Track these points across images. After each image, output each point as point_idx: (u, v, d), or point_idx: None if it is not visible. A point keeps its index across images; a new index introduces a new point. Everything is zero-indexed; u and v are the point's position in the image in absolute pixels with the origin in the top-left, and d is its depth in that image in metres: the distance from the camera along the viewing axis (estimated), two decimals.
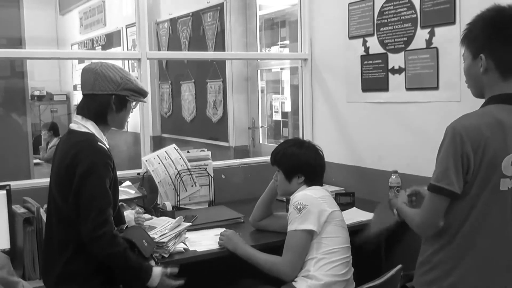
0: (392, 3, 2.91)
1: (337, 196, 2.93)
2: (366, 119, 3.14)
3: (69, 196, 1.89)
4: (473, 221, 1.64)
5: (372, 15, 3.03)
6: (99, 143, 1.94)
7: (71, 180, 1.88)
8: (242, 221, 2.66)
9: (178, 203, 2.91)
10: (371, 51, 3.06)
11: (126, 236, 1.98)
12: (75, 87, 7.94)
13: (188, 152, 3.07)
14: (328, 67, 3.42)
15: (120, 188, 2.16)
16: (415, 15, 2.78)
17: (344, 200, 2.96)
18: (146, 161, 2.93)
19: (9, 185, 2.24)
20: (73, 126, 2.01)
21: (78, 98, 2.97)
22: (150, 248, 2.04)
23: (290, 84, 4.70)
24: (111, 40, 6.76)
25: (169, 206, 2.81)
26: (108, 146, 1.99)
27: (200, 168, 3.02)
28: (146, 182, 2.93)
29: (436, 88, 2.70)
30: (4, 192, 2.21)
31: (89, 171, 1.86)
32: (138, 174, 2.97)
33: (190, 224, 2.41)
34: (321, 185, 2.33)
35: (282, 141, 3.90)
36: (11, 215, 2.22)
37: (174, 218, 2.36)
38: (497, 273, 1.67)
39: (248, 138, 5.02)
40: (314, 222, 2.12)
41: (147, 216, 2.51)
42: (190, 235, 2.36)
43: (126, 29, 6.27)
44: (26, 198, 2.31)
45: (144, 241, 2.02)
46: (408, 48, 2.83)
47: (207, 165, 3.06)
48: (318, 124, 3.53)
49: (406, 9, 2.82)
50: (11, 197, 2.23)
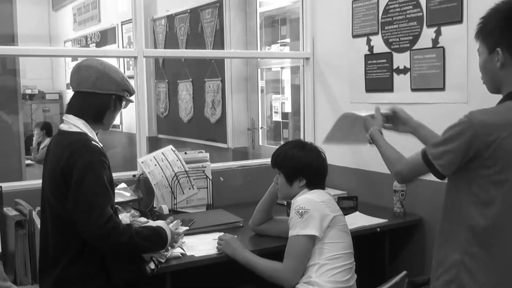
0: (397, 1, 2.91)
1: (339, 200, 2.93)
2: None
3: (66, 199, 1.89)
4: (495, 220, 1.63)
5: (376, 13, 3.04)
6: (93, 142, 1.96)
7: (68, 182, 1.89)
8: (241, 225, 2.66)
9: (175, 206, 2.91)
10: (375, 50, 3.07)
11: None
12: (68, 86, 7.92)
13: (185, 153, 3.07)
14: (330, 67, 3.43)
15: (115, 190, 2.16)
16: (421, 14, 2.78)
17: (346, 204, 2.96)
18: (142, 162, 2.94)
19: (0, 186, 2.24)
20: (63, 127, 2.01)
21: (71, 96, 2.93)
22: None
23: (291, 83, 4.71)
24: (106, 37, 6.76)
25: (165, 209, 2.82)
26: (101, 145, 2.00)
27: (198, 170, 3.02)
28: (142, 185, 2.93)
29: (442, 89, 2.70)
30: None
31: (86, 170, 1.88)
32: (134, 176, 2.97)
33: (188, 228, 2.42)
34: (323, 188, 2.33)
35: (282, 142, 3.92)
36: (2, 218, 2.22)
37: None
38: None
39: (247, 139, 5.03)
40: (316, 227, 2.13)
41: (143, 219, 2.51)
42: (187, 240, 2.35)
43: (122, 25, 6.27)
44: (18, 200, 2.32)
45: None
46: (413, 47, 2.84)
47: (205, 167, 3.06)
48: (320, 125, 3.53)
49: (412, 7, 2.83)
50: (3, 199, 2.24)
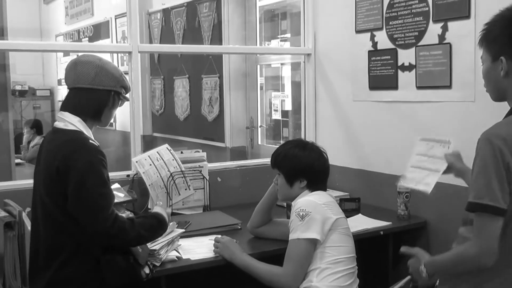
0: None
1: (341, 201, 2.94)
2: (373, 120, 3.15)
3: (63, 199, 1.89)
4: (510, 238, 1.60)
5: (381, 8, 3.04)
6: (91, 141, 1.96)
7: (64, 183, 1.88)
8: (240, 227, 2.66)
9: (171, 208, 2.91)
10: (380, 46, 3.07)
11: None
12: (60, 82, 7.92)
13: (181, 153, 3.07)
14: (332, 63, 3.42)
15: None
16: (427, 8, 2.78)
17: (349, 206, 2.96)
18: (137, 162, 2.93)
19: None
20: (58, 124, 2.01)
21: (63, 93, 2.90)
22: (144, 254, 2.06)
23: (291, 80, 4.70)
24: (99, 31, 6.76)
25: None
26: (98, 143, 2.00)
27: (194, 170, 3.02)
28: (136, 185, 2.93)
29: (449, 87, 2.70)
30: None
31: (87, 171, 1.88)
32: (128, 176, 2.97)
33: (184, 230, 2.41)
34: (324, 190, 2.33)
35: (282, 142, 3.92)
36: None
37: None
38: None
39: (246, 138, 5.03)
40: (317, 230, 2.12)
41: None
42: (183, 242, 2.35)
43: (116, 19, 6.27)
44: (7, 201, 2.30)
45: (138, 246, 2.03)
46: (419, 43, 2.84)
47: (202, 167, 3.06)
48: (321, 124, 3.53)
49: (417, 1, 2.83)
50: None
